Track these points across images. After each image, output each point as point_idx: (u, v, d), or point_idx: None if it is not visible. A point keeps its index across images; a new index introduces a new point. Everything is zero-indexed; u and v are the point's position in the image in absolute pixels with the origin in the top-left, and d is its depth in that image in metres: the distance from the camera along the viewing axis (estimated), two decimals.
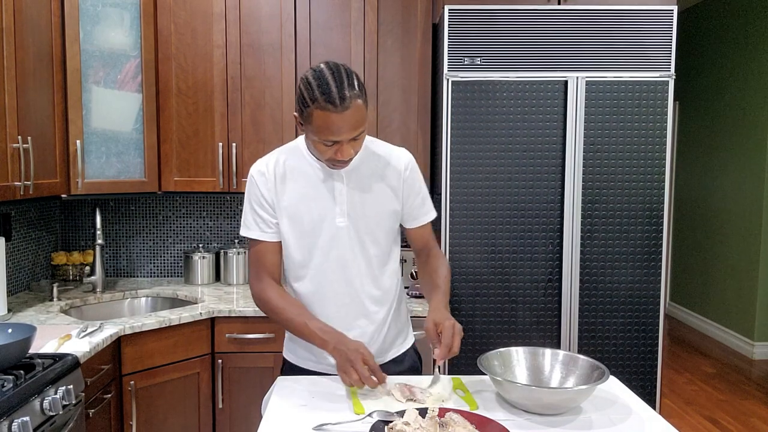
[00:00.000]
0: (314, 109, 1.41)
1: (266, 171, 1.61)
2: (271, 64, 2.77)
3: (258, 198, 1.61)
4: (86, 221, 3.12)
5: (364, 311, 1.66)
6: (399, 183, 1.65)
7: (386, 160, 1.65)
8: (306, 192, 1.59)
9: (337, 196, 1.59)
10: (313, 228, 1.60)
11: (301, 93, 1.45)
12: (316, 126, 1.43)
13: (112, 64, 2.61)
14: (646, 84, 2.51)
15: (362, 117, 1.44)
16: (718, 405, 3.92)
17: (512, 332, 2.57)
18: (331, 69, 1.43)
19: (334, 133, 1.42)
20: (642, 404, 1.47)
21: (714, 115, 5.49)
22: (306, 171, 1.61)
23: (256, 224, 1.62)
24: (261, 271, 1.63)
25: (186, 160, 2.79)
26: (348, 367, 1.43)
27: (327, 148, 1.46)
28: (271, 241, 1.62)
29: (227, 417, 2.54)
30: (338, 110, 1.39)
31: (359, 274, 1.64)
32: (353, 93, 1.41)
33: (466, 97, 2.50)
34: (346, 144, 1.46)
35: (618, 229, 2.55)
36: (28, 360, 1.75)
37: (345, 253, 1.61)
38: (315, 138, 1.46)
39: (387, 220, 1.65)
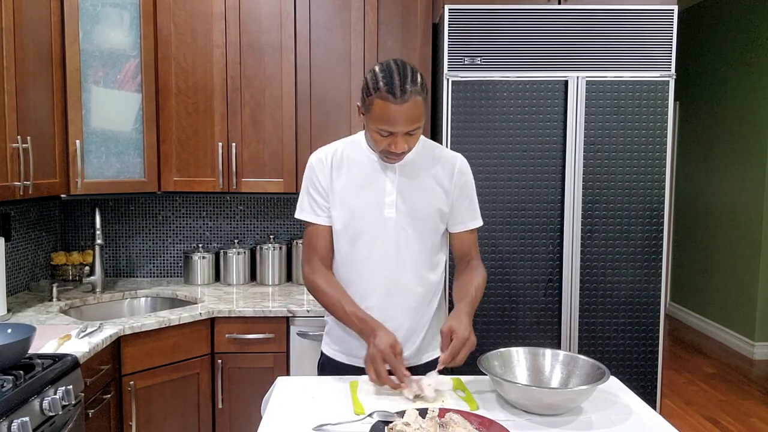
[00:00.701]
0: (375, 98, 1.48)
1: (324, 158, 1.68)
2: (271, 64, 2.76)
3: (314, 182, 1.67)
4: (86, 221, 3.12)
5: (404, 306, 1.68)
6: (450, 184, 1.69)
7: (441, 160, 1.69)
8: (358, 181, 1.65)
9: (387, 187, 1.64)
10: (362, 216, 1.64)
11: (366, 82, 1.52)
12: (375, 114, 1.49)
13: (111, 64, 2.61)
14: (647, 84, 2.50)
15: (420, 113, 1.50)
16: (719, 405, 3.92)
17: (512, 332, 2.56)
18: (397, 64, 1.50)
19: (391, 123, 1.48)
20: (642, 404, 1.47)
21: (714, 115, 5.49)
22: (361, 161, 1.66)
23: (310, 207, 1.68)
24: (312, 253, 1.69)
25: (186, 160, 2.79)
26: (369, 366, 1.48)
27: (383, 139, 1.52)
28: (323, 224, 1.68)
29: (227, 417, 2.54)
30: (397, 101, 1.45)
31: (403, 267, 1.66)
32: (414, 89, 1.47)
33: (466, 97, 2.50)
34: (401, 137, 1.51)
35: (618, 229, 2.54)
36: (27, 360, 1.74)
37: (390, 244, 1.64)
38: (372, 127, 1.52)
39: (434, 217, 1.68)
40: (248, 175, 2.80)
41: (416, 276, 1.68)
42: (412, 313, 1.68)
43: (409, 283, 1.67)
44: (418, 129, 1.53)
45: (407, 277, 1.67)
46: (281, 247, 2.99)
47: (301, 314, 2.51)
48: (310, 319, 2.52)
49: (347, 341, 1.70)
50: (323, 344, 1.83)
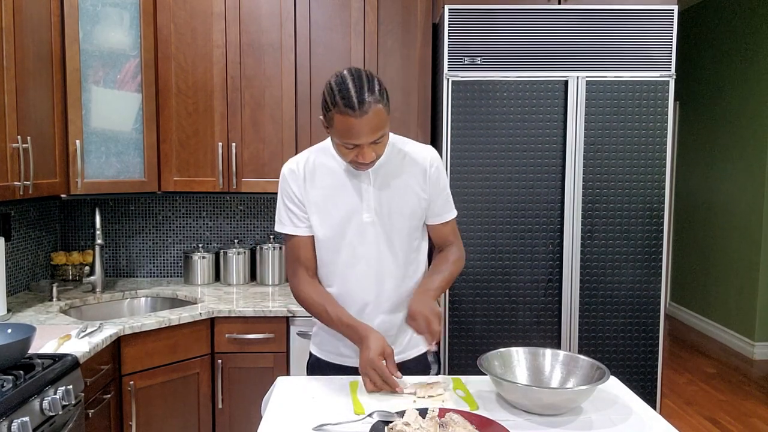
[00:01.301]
0: (335, 114, 1.45)
1: (296, 168, 1.66)
2: (271, 64, 2.76)
3: (289, 194, 1.66)
4: (86, 221, 3.12)
5: (391, 306, 1.69)
6: (424, 180, 1.68)
7: (412, 157, 1.68)
8: (333, 188, 1.64)
9: (363, 192, 1.63)
10: (341, 223, 1.63)
11: (324, 98, 1.49)
12: (337, 130, 1.47)
13: (111, 64, 2.61)
14: (647, 84, 2.50)
15: (382, 121, 1.47)
16: (719, 405, 3.92)
17: (512, 332, 2.56)
18: (352, 74, 1.47)
19: (353, 137, 1.46)
20: (642, 404, 1.47)
21: (714, 115, 5.49)
22: (334, 168, 1.65)
23: (289, 219, 1.67)
24: (296, 265, 1.69)
25: (186, 160, 2.79)
26: (364, 376, 1.51)
27: (348, 151, 1.51)
28: (304, 235, 1.67)
29: (227, 417, 2.54)
30: (357, 115, 1.43)
31: (387, 269, 1.66)
32: (373, 98, 1.44)
33: (466, 97, 2.50)
34: (367, 147, 1.49)
35: (618, 229, 2.54)
36: (27, 360, 1.74)
37: (372, 248, 1.65)
38: (337, 141, 1.51)
39: (413, 215, 1.68)
40: (248, 175, 2.80)
41: (400, 275, 1.68)
42: (399, 312, 1.69)
43: (394, 283, 1.68)
44: (383, 137, 1.51)
45: (392, 278, 1.67)
46: (281, 247, 2.99)
47: (301, 314, 2.51)
48: (310, 319, 2.50)
49: (333, 342, 1.72)
50: (311, 345, 1.83)
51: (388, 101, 1.50)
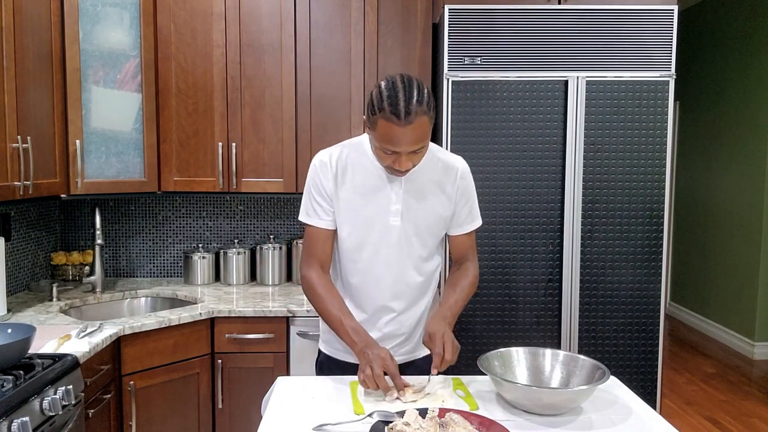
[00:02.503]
0: (380, 118, 1.45)
1: (329, 161, 1.65)
2: (271, 64, 2.76)
3: (318, 186, 1.65)
4: (86, 221, 3.12)
5: (402, 308, 1.70)
6: (453, 190, 1.69)
7: (444, 167, 1.69)
8: (364, 188, 1.64)
9: (393, 195, 1.63)
10: (366, 223, 1.64)
11: (371, 99, 1.49)
12: (379, 134, 1.47)
13: (111, 64, 2.61)
14: (647, 84, 2.50)
15: (424, 132, 1.48)
16: (719, 405, 3.92)
17: (512, 332, 2.56)
18: (403, 81, 1.47)
19: (394, 144, 1.46)
20: (642, 404, 1.47)
21: (714, 115, 5.49)
22: (367, 167, 1.64)
23: (314, 211, 1.67)
24: (312, 257, 1.68)
25: (186, 160, 2.79)
26: (367, 368, 1.46)
27: (386, 156, 1.51)
28: (326, 228, 1.67)
29: (227, 417, 2.54)
30: (401, 123, 1.43)
31: (406, 273, 1.68)
32: (420, 109, 1.44)
33: (466, 97, 2.50)
34: (406, 156, 1.49)
35: (618, 229, 2.54)
36: (27, 360, 1.74)
37: (393, 252, 1.65)
38: (377, 144, 1.51)
39: (437, 225, 1.69)
40: (248, 175, 2.80)
41: (418, 279, 1.70)
42: (412, 310, 1.72)
43: (411, 286, 1.69)
44: (423, 147, 1.51)
45: (410, 280, 1.69)
46: (281, 247, 2.99)
47: (301, 314, 2.51)
48: (310, 319, 2.52)
49: None
50: (321, 342, 1.83)
51: (435, 113, 1.51)
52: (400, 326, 1.71)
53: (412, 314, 1.72)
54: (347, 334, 1.56)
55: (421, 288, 1.72)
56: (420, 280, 1.70)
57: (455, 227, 1.74)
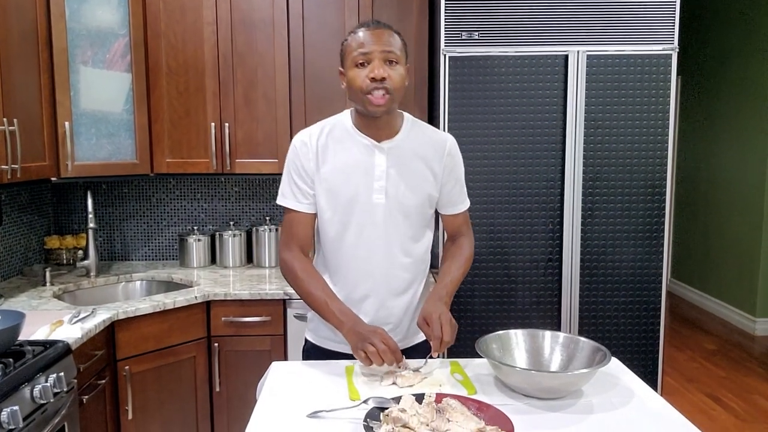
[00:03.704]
0: (349, 39, 1.52)
1: (309, 141, 1.60)
2: (264, 41, 2.69)
3: (297, 168, 1.60)
4: (79, 204, 3.07)
5: (392, 292, 1.64)
6: (440, 167, 1.64)
7: (429, 143, 1.63)
8: (346, 165, 1.58)
9: (376, 172, 1.58)
10: (351, 203, 1.58)
11: (342, 42, 1.55)
12: (349, 49, 1.50)
13: (99, 43, 2.54)
14: (649, 57, 2.44)
15: (396, 43, 1.50)
16: (720, 382, 3.91)
17: (512, 313, 2.53)
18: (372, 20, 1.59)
19: (363, 46, 1.48)
20: (644, 387, 1.44)
21: (717, 90, 5.41)
22: (348, 144, 1.59)
23: (292, 194, 1.62)
24: (291, 241, 1.63)
25: (178, 141, 2.73)
26: (365, 345, 1.40)
27: (360, 71, 1.49)
28: (306, 212, 1.62)
29: (225, 400, 2.52)
30: (370, 28, 1.50)
31: (392, 252, 1.62)
32: (388, 26, 1.52)
33: (463, 73, 2.44)
34: (378, 61, 1.48)
35: (619, 207, 2.50)
36: (18, 347, 1.71)
37: (379, 230, 1.60)
38: (350, 65, 1.51)
39: (424, 203, 1.63)
40: (242, 155, 2.75)
41: (407, 259, 1.64)
42: (401, 297, 1.66)
43: (400, 267, 1.63)
44: (396, 59, 1.50)
45: (398, 261, 1.63)
46: (278, 229, 2.95)
47: (297, 297, 2.47)
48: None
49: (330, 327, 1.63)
50: (307, 331, 1.77)
51: (407, 53, 1.54)
52: (388, 314, 1.64)
53: (401, 301, 1.65)
54: (334, 315, 1.51)
55: (410, 271, 1.65)
56: (408, 261, 1.64)
57: (449, 206, 1.70)
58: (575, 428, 1.23)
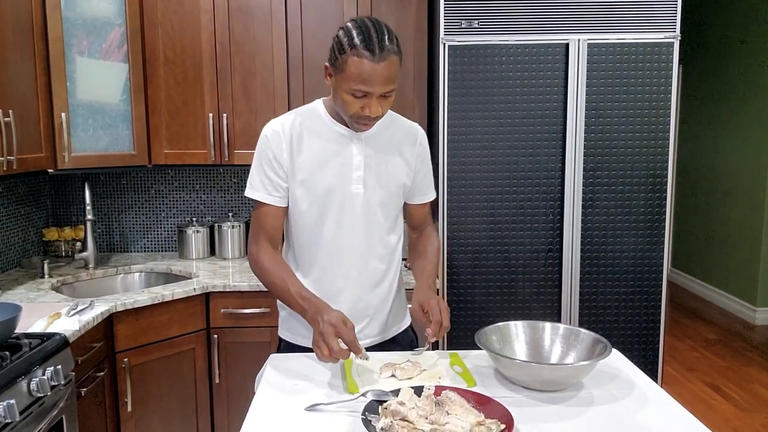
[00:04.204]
0: (350, 56, 1.37)
1: (281, 131, 1.55)
2: (261, 30, 2.67)
3: (269, 159, 1.54)
4: (77, 196, 3.05)
5: (373, 282, 1.64)
6: (412, 156, 1.64)
7: (402, 132, 1.63)
8: (322, 156, 1.55)
9: (354, 162, 1.55)
10: (328, 193, 1.55)
11: (338, 40, 1.41)
12: (349, 74, 1.39)
13: (96, 33, 2.51)
14: (651, 45, 2.41)
15: (395, 73, 1.42)
16: (720, 371, 3.91)
17: (512, 304, 2.52)
18: (372, 21, 1.41)
19: (367, 83, 1.38)
20: (645, 378, 1.43)
21: (718, 78, 5.37)
22: (324, 134, 1.56)
23: (263, 186, 1.56)
24: (260, 234, 1.58)
25: (176, 131, 2.71)
26: (320, 342, 1.35)
27: (355, 101, 1.42)
28: (277, 205, 1.57)
29: (224, 392, 2.52)
30: (375, 59, 1.36)
31: (370, 243, 1.60)
32: (392, 47, 1.39)
33: (463, 62, 2.41)
34: (376, 99, 1.42)
35: (620, 197, 2.48)
36: (14, 340, 1.70)
37: (358, 220, 1.58)
38: (345, 87, 1.41)
39: (398, 191, 1.63)
40: (240, 146, 2.73)
41: (384, 249, 1.64)
42: (379, 289, 1.64)
43: (377, 257, 1.63)
44: (392, 91, 1.44)
45: (376, 252, 1.62)
46: None
47: None
48: None
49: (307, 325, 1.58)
50: (281, 331, 1.73)
51: (402, 60, 1.45)
52: (365, 306, 1.63)
53: (377, 293, 1.64)
54: (296, 302, 1.46)
55: (385, 262, 1.64)
56: (384, 252, 1.63)
57: (418, 196, 1.70)
58: (575, 421, 1.22)
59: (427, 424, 1.15)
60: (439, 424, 1.15)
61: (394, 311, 1.70)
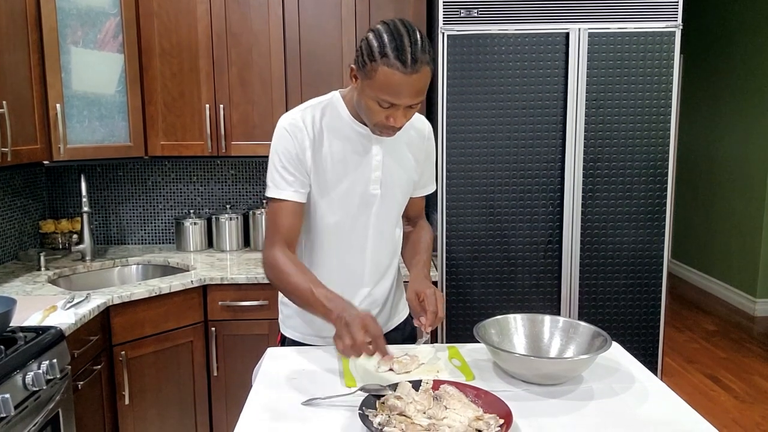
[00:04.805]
0: (381, 65, 1.29)
1: (303, 126, 1.47)
2: (258, 20, 2.63)
3: (290, 154, 1.46)
4: (74, 188, 3.03)
5: (376, 280, 1.62)
6: (420, 152, 1.61)
7: (412, 128, 1.59)
8: (344, 155, 1.50)
9: (373, 163, 1.52)
10: (348, 194, 1.52)
11: (368, 45, 1.32)
12: (378, 83, 1.31)
13: (90, 23, 2.48)
14: (652, 35, 2.38)
15: (426, 84, 1.34)
16: (720, 363, 3.90)
17: (511, 296, 2.51)
18: (406, 26, 1.32)
19: (395, 95, 1.31)
20: (645, 372, 1.41)
21: (719, 68, 5.34)
22: (344, 132, 1.50)
23: (287, 184, 1.47)
24: (277, 235, 1.49)
25: (172, 123, 2.68)
26: (344, 332, 1.27)
27: (380, 110, 1.36)
28: (299, 201, 1.50)
29: (223, 385, 2.51)
30: (407, 71, 1.28)
31: (382, 242, 1.60)
32: (425, 57, 1.30)
33: (462, 51, 2.38)
34: (403, 110, 1.36)
35: (621, 188, 2.46)
36: (9, 334, 1.69)
37: (372, 220, 1.56)
38: (371, 95, 1.34)
39: (409, 188, 1.62)
40: (238, 138, 2.70)
41: (389, 246, 1.63)
42: (384, 281, 1.64)
43: (386, 254, 1.62)
44: (420, 102, 1.38)
45: (385, 250, 1.62)
46: None
47: None
48: None
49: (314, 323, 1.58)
50: (285, 329, 1.70)
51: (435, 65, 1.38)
52: (374, 300, 1.63)
53: (383, 285, 1.64)
54: (321, 304, 1.37)
55: (391, 256, 1.65)
56: (391, 247, 1.64)
57: (420, 189, 1.69)
58: (575, 415, 1.20)
59: (424, 418, 1.14)
60: (437, 418, 1.14)
61: (395, 302, 1.71)
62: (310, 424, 1.18)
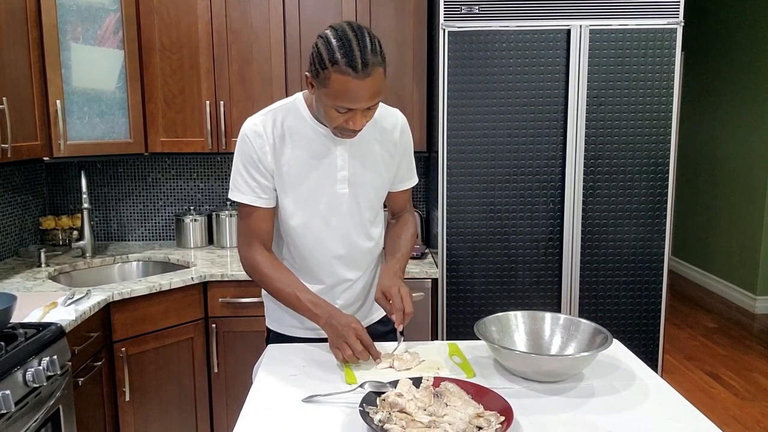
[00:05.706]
0: (332, 72, 1.29)
1: (263, 132, 1.47)
2: (258, 17, 2.63)
3: (254, 160, 1.47)
4: (74, 184, 3.03)
5: (358, 273, 1.63)
6: (394, 148, 1.60)
7: (382, 124, 1.57)
8: (307, 158, 1.50)
9: (339, 162, 1.51)
10: (312, 195, 1.52)
11: (318, 53, 1.32)
12: (332, 90, 1.31)
13: (90, 19, 2.48)
14: (653, 31, 2.38)
15: (381, 86, 1.34)
16: (720, 360, 3.91)
17: (511, 293, 2.51)
18: (354, 30, 1.30)
19: (350, 101, 1.32)
20: (646, 369, 1.41)
21: (720, 65, 5.33)
22: (307, 134, 1.50)
23: (250, 189, 1.49)
24: (252, 237, 1.53)
25: (172, 119, 2.68)
26: (341, 343, 1.39)
27: (339, 116, 1.36)
28: (267, 207, 1.52)
29: (223, 381, 2.51)
30: (359, 76, 1.28)
31: (357, 241, 1.59)
32: (375, 59, 1.29)
33: (463, 48, 2.38)
34: (360, 113, 1.36)
35: (621, 185, 2.46)
36: (10, 330, 1.69)
37: (345, 220, 1.56)
38: (328, 103, 1.34)
39: (383, 186, 1.61)
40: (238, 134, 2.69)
41: (368, 245, 1.63)
42: (363, 278, 1.65)
43: (362, 253, 1.62)
44: (377, 103, 1.39)
45: (361, 248, 1.61)
46: None
47: None
48: None
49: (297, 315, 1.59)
50: (269, 321, 1.71)
51: (386, 63, 1.37)
52: (354, 295, 1.64)
53: (363, 281, 1.65)
54: (307, 309, 1.46)
55: (371, 253, 1.64)
56: (370, 245, 1.63)
57: (399, 184, 1.67)
58: (576, 412, 1.20)
59: (425, 415, 1.14)
60: (438, 415, 1.14)
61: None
62: (310, 420, 1.18)
